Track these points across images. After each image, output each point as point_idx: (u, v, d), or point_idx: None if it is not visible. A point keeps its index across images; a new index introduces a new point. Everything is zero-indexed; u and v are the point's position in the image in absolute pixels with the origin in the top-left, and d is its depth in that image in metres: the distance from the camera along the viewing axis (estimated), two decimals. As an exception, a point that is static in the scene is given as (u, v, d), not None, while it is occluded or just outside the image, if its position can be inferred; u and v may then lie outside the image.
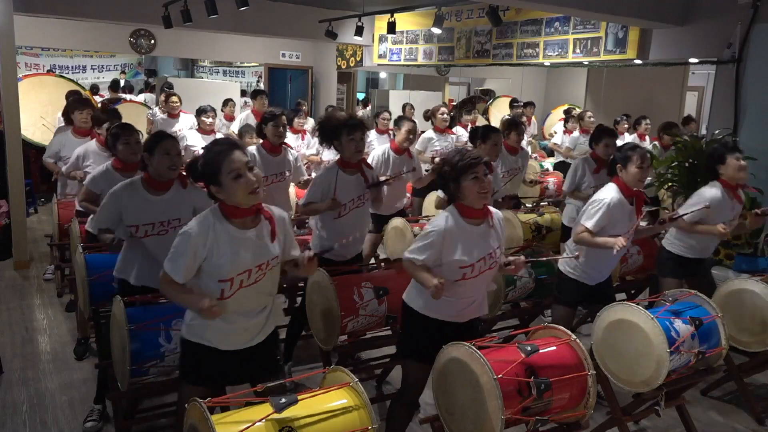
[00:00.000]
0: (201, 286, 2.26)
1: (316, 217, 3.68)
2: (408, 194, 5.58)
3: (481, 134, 4.43)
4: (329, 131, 3.53)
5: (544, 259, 3.54)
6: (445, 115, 6.26)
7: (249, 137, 5.35)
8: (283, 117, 4.38)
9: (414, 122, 4.87)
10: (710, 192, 3.74)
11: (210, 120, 6.10)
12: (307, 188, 3.71)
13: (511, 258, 2.69)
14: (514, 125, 4.98)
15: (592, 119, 7.34)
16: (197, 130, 6.17)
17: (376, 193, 3.71)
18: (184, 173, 2.87)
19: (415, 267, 2.60)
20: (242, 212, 2.24)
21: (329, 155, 6.64)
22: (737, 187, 3.78)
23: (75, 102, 5.36)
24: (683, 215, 3.61)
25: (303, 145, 6.58)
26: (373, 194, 3.68)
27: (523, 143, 8.22)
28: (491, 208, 2.67)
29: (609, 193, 3.26)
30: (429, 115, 6.58)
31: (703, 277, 4.01)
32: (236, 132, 8.31)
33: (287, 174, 4.43)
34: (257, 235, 2.28)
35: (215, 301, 2.17)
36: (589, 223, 3.24)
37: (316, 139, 5.10)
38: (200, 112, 6.12)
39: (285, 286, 4.18)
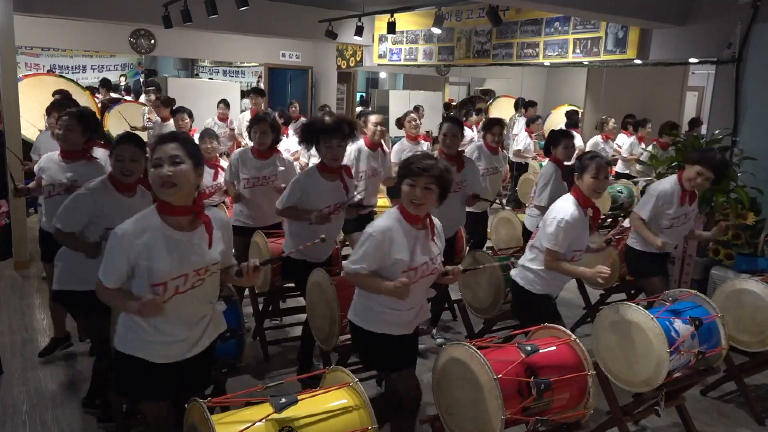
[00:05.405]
0: (133, 291, 2.14)
1: (287, 221, 3.64)
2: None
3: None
4: (311, 134, 3.49)
5: (482, 267, 3.51)
6: (415, 122, 5.71)
7: (209, 141, 5.09)
8: (266, 122, 4.22)
9: (379, 115, 4.68)
10: (662, 185, 3.77)
11: (184, 122, 5.96)
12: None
13: (448, 268, 2.66)
14: (496, 123, 4.93)
15: (614, 126, 7.36)
16: None
17: (355, 213, 3.72)
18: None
19: (364, 279, 2.54)
20: (176, 210, 2.13)
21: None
22: (688, 190, 3.74)
23: (50, 106, 5.14)
24: (623, 236, 3.63)
25: (286, 142, 6.46)
26: (350, 214, 3.66)
27: (527, 144, 8.30)
28: (433, 218, 2.65)
29: (565, 208, 3.09)
30: (400, 124, 6.07)
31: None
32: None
33: (271, 178, 4.26)
34: (194, 238, 2.17)
35: (157, 297, 2.07)
36: (556, 246, 3.06)
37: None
38: (175, 112, 5.98)
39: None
